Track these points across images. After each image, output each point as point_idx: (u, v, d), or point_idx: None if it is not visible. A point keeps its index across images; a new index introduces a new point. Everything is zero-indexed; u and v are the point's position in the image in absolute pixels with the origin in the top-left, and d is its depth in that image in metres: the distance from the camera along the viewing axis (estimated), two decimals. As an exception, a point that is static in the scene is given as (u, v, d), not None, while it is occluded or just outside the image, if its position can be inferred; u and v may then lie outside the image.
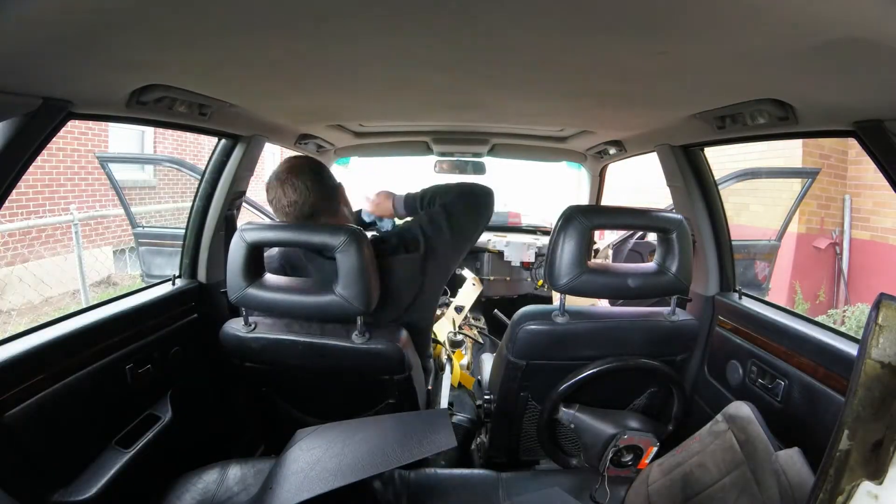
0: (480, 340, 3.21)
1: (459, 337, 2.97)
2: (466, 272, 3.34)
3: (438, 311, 3.15)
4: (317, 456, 1.17)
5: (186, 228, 1.89)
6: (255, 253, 1.42)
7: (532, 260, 3.39)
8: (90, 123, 6.62)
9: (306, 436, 1.26)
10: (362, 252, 1.36)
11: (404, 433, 1.25)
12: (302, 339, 1.46)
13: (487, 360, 2.48)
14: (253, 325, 1.49)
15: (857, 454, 0.74)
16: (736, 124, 1.39)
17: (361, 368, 1.49)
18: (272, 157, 12.75)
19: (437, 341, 3.10)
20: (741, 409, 1.31)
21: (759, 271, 3.81)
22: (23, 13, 0.69)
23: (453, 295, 3.05)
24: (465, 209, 1.65)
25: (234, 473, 1.47)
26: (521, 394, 1.65)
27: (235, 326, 1.50)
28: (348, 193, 1.66)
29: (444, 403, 2.27)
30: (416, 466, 1.60)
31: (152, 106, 1.27)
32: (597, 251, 3.34)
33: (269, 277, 1.47)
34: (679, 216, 1.52)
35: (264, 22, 0.83)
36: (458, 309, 3.11)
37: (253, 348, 1.49)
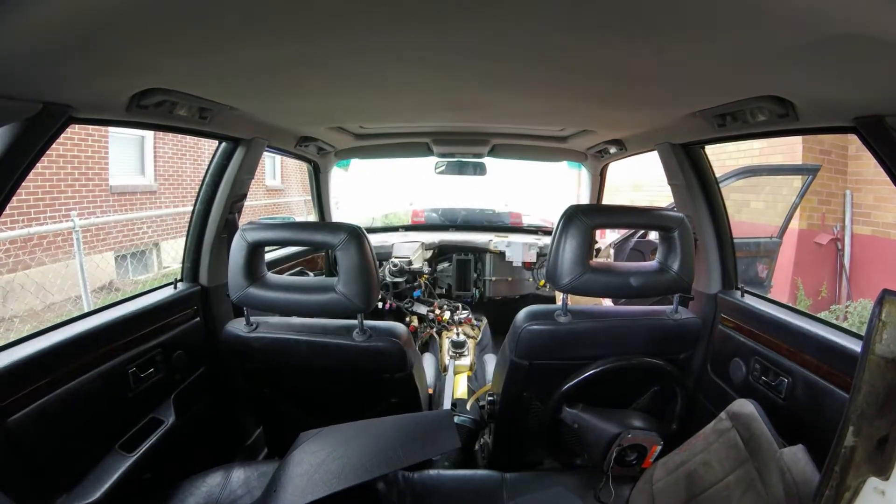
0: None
1: (462, 338, 2.97)
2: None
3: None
4: (320, 458, 1.17)
5: (188, 232, 1.89)
6: (256, 252, 1.44)
7: (534, 260, 3.39)
8: (90, 129, 6.62)
9: (309, 438, 1.26)
10: (363, 250, 1.37)
11: (408, 435, 1.25)
12: (303, 338, 1.47)
13: (490, 361, 2.48)
14: (255, 325, 1.50)
15: (862, 450, 0.74)
16: (736, 122, 1.39)
17: (363, 367, 1.50)
18: (272, 159, 12.77)
19: (443, 326, 3.11)
20: (745, 406, 1.31)
21: (761, 269, 3.81)
22: (23, 18, 0.69)
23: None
24: None
25: (238, 477, 1.47)
26: (525, 394, 1.65)
27: (237, 326, 1.51)
28: (348, 196, 1.68)
29: (447, 404, 2.27)
30: (419, 467, 1.60)
31: (153, 110, 1.27)
32: (598, 250, 3.34)
33: (271, 276, 1.48)
34: (680, 214, 1.52)
35: (264, 25, 0.83)
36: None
37: (255, 348, 1.49)
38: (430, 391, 2.30)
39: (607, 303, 2.55)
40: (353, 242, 1.36)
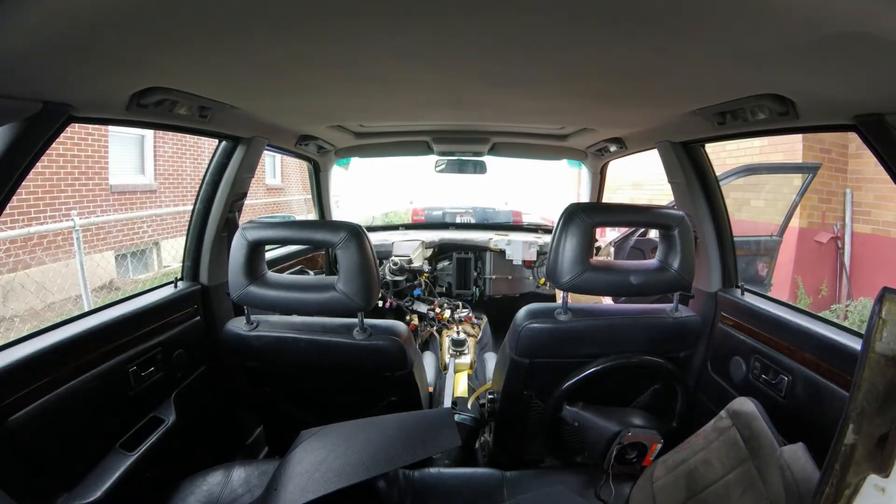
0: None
1: (462, 336, 2.97)
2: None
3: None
4: (321, 457, 1.17)
5: (188, 231, 1.89)
6: (256, 251, 1.44)
7: (534, 258, 3.39)
8: (90, 128, 6.62)
9: (310, 437, 1.26)
10: (363, 248, 1.37)
11: (408, 433, 1.25)
12: (304, 336, 1.48)
13: (490, 359, 2.48)
14: (255, 324, 1.51)
15: (862, 448, 0.74)
16: (736, 120, 1.39)
17: (363, 365, 1.50)
18: (272, 158, 12.76)
19: (443, 325, 3.12)
20: (745, 405, 1.31)
21: (761, 267, 3.81)
22: (23, 17, 0.69)
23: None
24: None
25: (239, 475, 1.47)
26: (525, 392, 1.65)
27: (237, 325, 1.51)
28: (348, 195, 1.68)
29: (447, 402, 2.28)
30: (420, 466, 1.61)
31: (153, 108, 1.27)
32: (598, 249, 3.34)
33: (271, 275, 1.49)
34: (680, 213, 1.52)
35: (265, 23, 0.83)
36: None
37: (255, 346, 1.50)
38: (431, 389, 2.31)
39: (607, 301, 2.55)
40: (354, 241, 1.37)
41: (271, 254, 2.53)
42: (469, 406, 2.08)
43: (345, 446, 1.20)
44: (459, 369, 2.71)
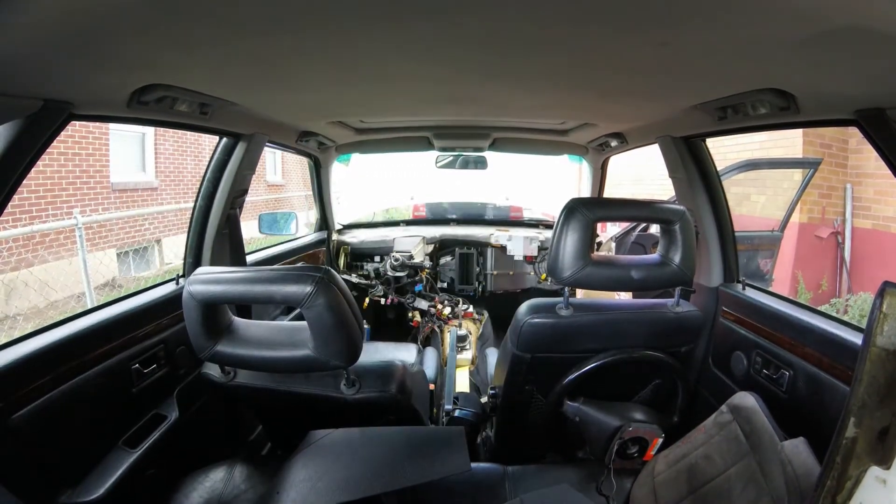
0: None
1: (463, 331, 2.98)
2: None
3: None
4: (326, 464, 1.17)
5: (189, 228, 1.89)
6: (212, 307, 1.27)
7: (535, 254, 3.39)
8: (91, 126, 6.62)
9: (318, 440, 1.26)
10: (334, 303, 1.16)
11: (416, 450, 1.23)
12: (285, 388, 1.38)
13: (492, 355, 2.49)
14: (231, 374, 1.41)
15: (863, 441, 0.74)
16: (737, 115, 1.39)
17: (355, 416, 1.42)
18: (272, 156, 12.75)
19: (443, 322, 3.13)
20: (746, 399, 1.31)
21: (763, 262, 3.81)
22: (23, 16, 0.69)
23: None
24: None
25: (241, 472, 1.48)
26: (526, 387, 1.65)
27: (213, 373, 1.44)
28: (349, 192, 1.65)
29: (448, 399, 2.28)
30: None
31: (153, 105, 1.27)
32: (600, 244, 3.35)
33: (238, 326, 1.32)
34: (681, 207, 1.52)
35: (265, 20, 0.83)
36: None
37: (235, 395, 1.46)
38: (432, 387, 2.31)
39: (623, 296, 2.55)
40: (321, 296, 1.14)
41: (261, 254, 2.48)
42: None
43: (351, 456, 1.19)
44: (461, 365, 2.72)
